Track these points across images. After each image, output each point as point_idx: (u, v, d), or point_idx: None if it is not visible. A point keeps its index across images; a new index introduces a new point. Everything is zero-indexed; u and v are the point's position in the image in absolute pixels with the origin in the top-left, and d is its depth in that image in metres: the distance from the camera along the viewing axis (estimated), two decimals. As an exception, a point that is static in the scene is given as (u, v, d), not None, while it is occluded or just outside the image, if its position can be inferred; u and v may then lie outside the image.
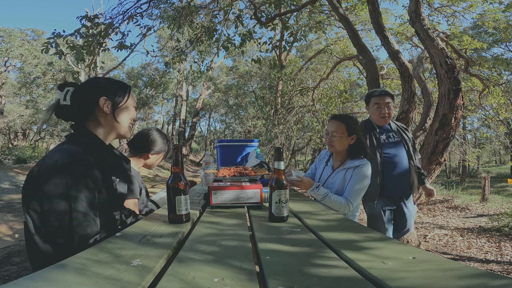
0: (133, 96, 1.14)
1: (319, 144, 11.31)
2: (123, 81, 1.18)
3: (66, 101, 1.02)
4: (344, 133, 1.69)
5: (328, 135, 1.74)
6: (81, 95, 1.04)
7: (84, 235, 0.86)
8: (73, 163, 0.90)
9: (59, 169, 0.88)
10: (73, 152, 0.94)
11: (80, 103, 1.03)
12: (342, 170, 1.71)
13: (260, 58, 5.47)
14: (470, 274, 0.55)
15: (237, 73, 18.96)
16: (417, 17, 2.99)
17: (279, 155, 0.98)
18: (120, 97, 1.09)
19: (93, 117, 1.05)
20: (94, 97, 1.04)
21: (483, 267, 3.23)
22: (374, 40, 11.16)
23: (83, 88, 1.06)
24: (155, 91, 17.68)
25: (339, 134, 1.69)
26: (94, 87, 1.07)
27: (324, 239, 0.79)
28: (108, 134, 1.08)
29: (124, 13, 5.02)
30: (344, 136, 1.69)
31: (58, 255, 0.80)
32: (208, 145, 28.09)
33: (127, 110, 1.10)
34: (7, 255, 3.64)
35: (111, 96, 1.06)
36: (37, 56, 13.63)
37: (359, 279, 0.55)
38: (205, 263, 0.62)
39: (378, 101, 2.12)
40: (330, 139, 1.72)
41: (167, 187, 0.97)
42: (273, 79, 9.92)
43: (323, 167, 1.87)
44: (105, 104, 1.04)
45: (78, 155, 0.93)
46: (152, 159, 1.68)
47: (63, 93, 1.02)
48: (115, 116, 1.06)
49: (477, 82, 7.61)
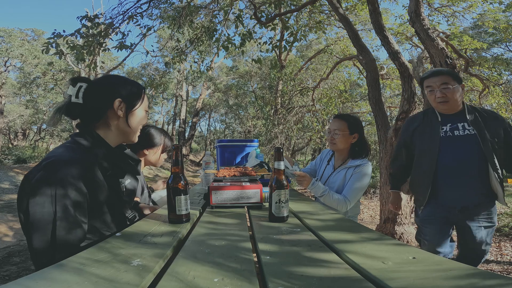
0: (147, 98, 1.08)
1: (319, 144, 11.30)
2: (137, 82, 1.10)
3: (78, 98, 0.93)
4: (346, 131, 1.72)
5: (330, 133, 1.76)
6: (96, 94, 0.96)
7: (64, 240, 0.81)
8: (67, 164, 0.84)
9: (50, 170, 0.82)
10: (71, 153, 0.88)
11: (94, 103, 0.95)
12: (343, 169, 1.72)
13: (260, 58, 5.47)
14: (470, 274, 0.55)
15: (237, 73, 18.94)
16: (417, 17, 2.99)
17: (279, 155, 0.98)
18: (136, 100, 1.01)
19: (104, 119, 0.97)
20: (109, 98, 0.96)
21: (483, 267, 3.23)
22: (374, 40, 11.17)
23: (98, 86, 0.98)
24: (155, 91, 17.67)
25: (340, 132, 1.72)
26: (110, 87, 0.99)
27: (324, 239, 0.79)
28: (116, 138, 1.01)
29: (124, 13, 5.02)
30: (345, 134, 1.72)
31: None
32: (208, 145, 28.08)
33: (140, 114, 1.04)
34: (7, 255, 3.64)
35: (126, 98, 0.98)
36: (37, 56, 13.62)
37: (359, 279, 0.55)
38: (205, 263, 0.62)
39: (430, 84, 1.68)
40: (332, 137, 1.75)
41: (167, 187, 0.96)
42: (273, 79, 9.91)
43: (324, 166, 1.88)
44: (120, 107, 0.97)
45: (75, 157, 0.87)
46: (150, 155, 1.62)
47: (75, 89, 0.93)
48: (128, 120, 0.99)
49: (477, 82, 7.61)
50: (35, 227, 0.79)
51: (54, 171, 0.83)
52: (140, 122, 1.05)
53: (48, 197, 0.80)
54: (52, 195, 0.80)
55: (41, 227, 0.79)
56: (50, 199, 0.80)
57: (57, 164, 0.84)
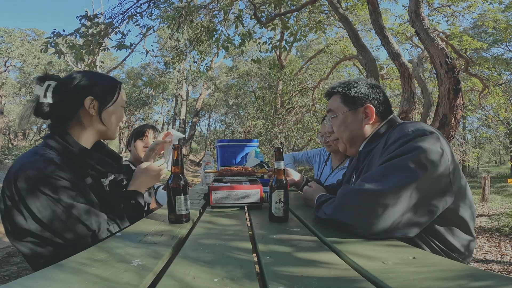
0: (123, 94, 1.03)
1: (318, 145, 11.31)
2: (113, 77, 1.05)
3: (47, 98, 0.88)
4: None
5: (323, 137, 1.77)
6: (65, 92, 0.91)
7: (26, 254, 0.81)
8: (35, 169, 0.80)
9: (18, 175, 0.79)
10: (39, 159, 0.82)
11: (63, 102, 0.91)
12: (342, 169, 1.72)
13: (259, 58, 5.47)
14: (470, 274, 0.55)
15: (237, 73, 18.94)
16: (417, 17, 2.99)
17: (279, 155, 0.98)
18: (109, 96, 0.96)
19: (77, 118, 0.93)
20: (79, 96, 0.92)
21: (483, 267, 3.23)
22: (374, 40, 11.17)
23: (66, 84, 0.92)
24: (154, 91, 17.67)
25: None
26: (79, 84, 0.93)
27: (324, 239, 0.79)
28: (92, 136, 0.97)
29: (124, 12, 5.02)
30: None
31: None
32: (208, 145, 28.07)
33: (115, 111, 0.99)
34: (7, 255, 3.64)
35: (98, 96, 0.94)
36: (37, 56, 13.64)
37: (359, 279, 0.55)
38: (205, 263, 0.62)
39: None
40: (325, 140, 1.75)
41: (167, 187, 0.96)
42: (273, 79, 9.92)
43: (322, 166, 1.88)
44: (91, 105, 0.93)
45: (44, 163, 0.82)
46: (138, 146, 1.75)
47: (43, 88, 0.88)
48: (101, 118, 0.95)
49: (477, 82, 7.62)
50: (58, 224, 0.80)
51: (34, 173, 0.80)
52: (116, 119, 1.00)
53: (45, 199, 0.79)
54: (48, 194, 0.79)
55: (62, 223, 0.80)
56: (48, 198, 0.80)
57: (33, 165, 0.81)
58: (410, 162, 0.80)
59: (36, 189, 0.79)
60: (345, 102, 1.09)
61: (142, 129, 1.82)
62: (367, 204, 0.78)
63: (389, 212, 0.76)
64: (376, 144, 1.01)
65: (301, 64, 10.17)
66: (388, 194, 0.77)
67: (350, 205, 0.82)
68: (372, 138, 1.06)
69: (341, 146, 1.16)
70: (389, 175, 0.80)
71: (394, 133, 0.94)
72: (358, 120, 1.08)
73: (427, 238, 0.87)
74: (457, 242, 0.89)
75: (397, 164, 0.81)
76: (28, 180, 0.79)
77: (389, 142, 0.91)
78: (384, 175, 0.81)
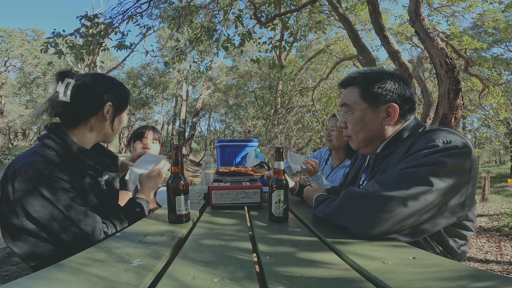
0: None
1: (319, 144, 11.32)
2: (123, 84, 1.05)
3: (66, 97, 0.85)
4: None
5: (327, 131, 1.80)
6: (85, 94, 0.89)
7: (21, 255, 0.82)
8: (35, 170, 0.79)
9: (17, 175, 0.78)
10: (39, 159, 0.81)
11: (82, 104, 0.88)
12: (342, 168, 1.74)
13: (259, 58, 5.48)
14: (470, 274, 0.55)
15: (237, 73, 18.95)
16: (417, 17, 2.99)
17: (279, 155, 0.98)
18: (123, 104, 0.97)
19: (89, 120, 0.92)
20: (100, 101, 0.90)
21: (483, 267, 3.23)
22: (374, 40, 11.17)
23: (88, 86, 0.90)
24: (154, 91, 17.67)
25: (337, 129, 1.74)
26: (101, 90, 0.92)
27: (324, 239, 0.79)
28: (95, 139, 0.97)
29: (124, 13, 5.02)
30: (341, 131, 1.74)
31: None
32: (208, 145, 28.09)
33: (123, 118, 1.00)
34: (7, 255, 3.64)
35: (115, 102, 0.93)
36: (37, 56, 13.65)
37: (359, 279, 0.55)
38: (205, 263, 0.62)
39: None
40: (329, 133, 1.78)
41: (167, 187, 0.96)
42: (273, 79, 9.92)
43: (323, 166, 1.90)
44: (109, 111, 0.92)
45: (44, 163, 0.81)
46: (137, 147, 1.74)
47: (63, 85, 0.86)
48: (113, 124, 0.95)
49: (477, 82, 7.62)
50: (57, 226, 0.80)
51: (32, 173, 0.79)
52: (121, 125, 1.02)
53: (42, 200, 0.79)
54: (46, 195, 0.79)
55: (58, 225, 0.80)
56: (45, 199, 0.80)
57: (33, 165, 0.80)
58: (429, 174, 0.73)
59: (34, 190, 0.79)
60: (364, 98, 0.94)
61: (141, 130, 1.82)
62: (368, 208, 0.75)
63: (391, 218, 0.73)
64: (396, 148, 0.91)
65: (301, 64, 10.16)
66: (395, 201, 0.73)
67: (350, 208, 0.80)
68: (393, 140, 0.94)
69: (354, 144, 1.03)
70: (402, 182, 0.75)
71: (421, 141, 0.83)
72: (379, 119, 0.94)
73: (427, 239, 0.86)
74: (455, 245, 0.88)
75: (415, 173, 0.75)
76: (27, 180, 0.79)
77: (414, 149, 0.83)
78: (397, 181, 0.76)
